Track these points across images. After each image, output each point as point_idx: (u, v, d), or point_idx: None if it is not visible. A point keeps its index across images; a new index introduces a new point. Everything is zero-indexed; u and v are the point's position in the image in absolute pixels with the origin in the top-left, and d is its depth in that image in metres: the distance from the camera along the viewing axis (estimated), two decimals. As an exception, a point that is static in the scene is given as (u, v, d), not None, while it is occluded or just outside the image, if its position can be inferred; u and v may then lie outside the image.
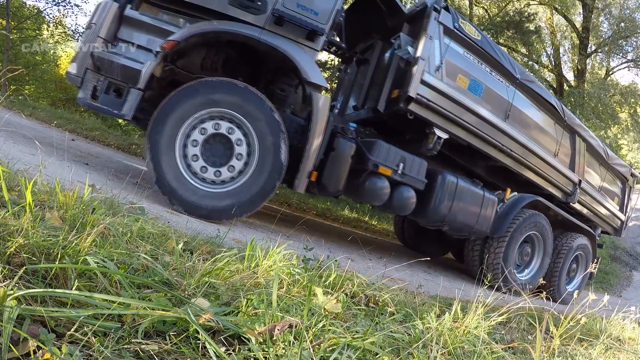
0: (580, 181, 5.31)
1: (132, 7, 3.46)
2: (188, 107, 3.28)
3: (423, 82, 3.84)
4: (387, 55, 4.49)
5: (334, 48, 4.25)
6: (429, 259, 4.66)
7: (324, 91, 3.64)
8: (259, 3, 3.43)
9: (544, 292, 4.59)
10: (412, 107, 3.88)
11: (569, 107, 9.46)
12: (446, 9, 4.05)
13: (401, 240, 6.84)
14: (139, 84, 3.26)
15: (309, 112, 3.66)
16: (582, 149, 5.33)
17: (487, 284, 2.64)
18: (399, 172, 3.86)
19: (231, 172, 3.39)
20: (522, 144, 4.57)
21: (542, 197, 4.95)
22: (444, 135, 4.08)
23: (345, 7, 4.52)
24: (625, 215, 6.47)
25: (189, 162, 3.34)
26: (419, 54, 3.87)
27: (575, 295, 2.98)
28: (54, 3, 15.31)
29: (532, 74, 5.12)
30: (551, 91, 15.89)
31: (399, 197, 3.89)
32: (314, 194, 4.07)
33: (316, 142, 3.55)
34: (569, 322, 1.97)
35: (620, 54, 16.12)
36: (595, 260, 5.70)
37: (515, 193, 4.78)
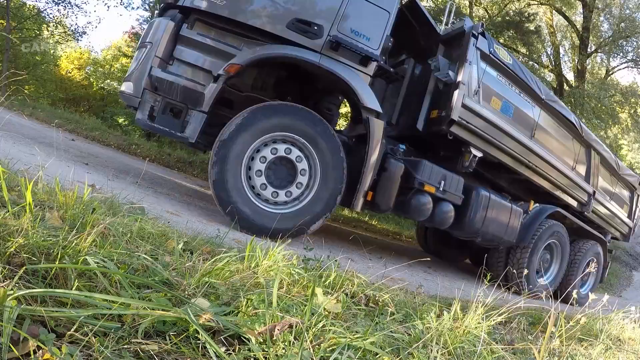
0: (594, 192, 5.67)
1: (188, 26, 3.42)
2: (273, 123, 3.32)
3: (464, 106, 4.05)
4: (420, 73, 4.58)
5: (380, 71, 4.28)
6: (429, 258, 4.71)
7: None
8: (316, 28, 3.47)
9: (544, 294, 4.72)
10: (454, 128, 4.10)
11: (569, 107, 9.46)
12: (482, 34, 4.24)
13: (423, 247, 7.06)
14: (204, 107, 3.27)
15: (359, 134, 3.78)
16: (596, 161, 5.70)
17: (487, 284, 2.63)
18: (441, 189, 4.07)
19: (282, 197, 3.45)
20: (545, 159, 4.86)
21: (559, 206, 5.26)
22: (479, 154, 4.35)
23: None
24: (633, 221, 6.86)
25: (251, 174, 3.37)
26: (460, 78, 4.04)
27: (574, 295, 3.07)
28: (54, 2, 15.29)
29: (554, 94, 5.44)
30: (551, 92, 15.87)
31: (439, 212, 4.11)
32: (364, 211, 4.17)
33: (372, 164, 3.67)
34: (569, 322, 1.97)
35: (621, 54, 16.11)
36: (607, 265, 6.22)
37: (537, 204, 5.04)
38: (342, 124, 9.95)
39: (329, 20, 3.51)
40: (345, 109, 9.79)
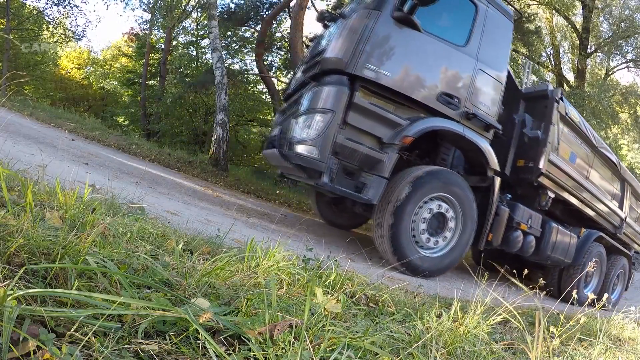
0: (625, 217, 6.80)
1: (360, 94, 3.71)
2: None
3: (549, 161, 4.88)
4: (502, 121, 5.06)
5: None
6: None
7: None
8: (456, 100, 4.07)
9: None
10: (541, 179, 4.94)
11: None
12: (561, 99, 4.99)
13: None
14: (385, 173, 3.71)
15: (481, 186, 4.49)
16: (628, 192, 6.86)
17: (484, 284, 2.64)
18: (529, 225, 4.90)
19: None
20: (594, 194, 5.87)
21: (598, 230, 6.22)
22: (552, 195, 5.25)
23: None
24: None
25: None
26: (547, 138, 4.82)
27: (574, 294, 3.26)
28: (54, 3, 15.28)
29: (602, 140, 6.26)
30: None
31: (526, 244, 4.93)
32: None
33: (493, 212, 4.45)
34: (568, 322, 1.98)
35: (620, 54, 16.09)
36: (631, 275, 7.37)
37: (585, 230, 5.96)
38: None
39: (464, 93, 4.13)
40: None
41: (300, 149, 3.72)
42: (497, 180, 4.42)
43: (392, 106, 3.86)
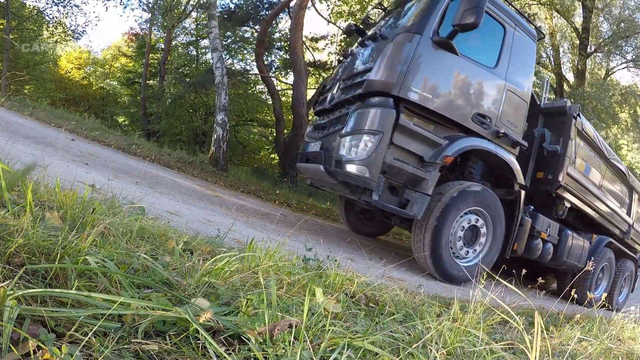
0: (633, 223, 7.17)
1: (404, 115, 3.86)
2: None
3: (567, 174, 5.15)
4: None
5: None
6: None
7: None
8: (488, 120, 4.29)
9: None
10: (559, 191, 5.22)
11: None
12: (578, 115, 5.23)
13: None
14: (429, 191, 3.92)
15: (508, 199, 4.66)
16: (635, 199, 7.26)
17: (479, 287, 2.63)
18: (548, 234, 5.22)
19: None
20: (605, 203, 6.20)
21: (608, 235, 6.55)
22: (569, 205, 5.58)
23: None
24: None
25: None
26: (566, 152, 5.08)
27: (573, 294, 3.41)
28: (54, 3, 15.27)
29: (613, 151, 6.54)
30: (552, 93, 15.85)
31: (544, 251, 5.24)
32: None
33: (518, 224, 4.70)
34: (568, 322, 1.98)
35: (620, 55, 16.07)
36: (636, 278, 7.72)
37: (597, 236, 6.27)
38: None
39: (495, 113, 4.35)
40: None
41: (351, 168, 3.87)
42: (523, 194, 4.65)
43: (432, 126, 4.06)
